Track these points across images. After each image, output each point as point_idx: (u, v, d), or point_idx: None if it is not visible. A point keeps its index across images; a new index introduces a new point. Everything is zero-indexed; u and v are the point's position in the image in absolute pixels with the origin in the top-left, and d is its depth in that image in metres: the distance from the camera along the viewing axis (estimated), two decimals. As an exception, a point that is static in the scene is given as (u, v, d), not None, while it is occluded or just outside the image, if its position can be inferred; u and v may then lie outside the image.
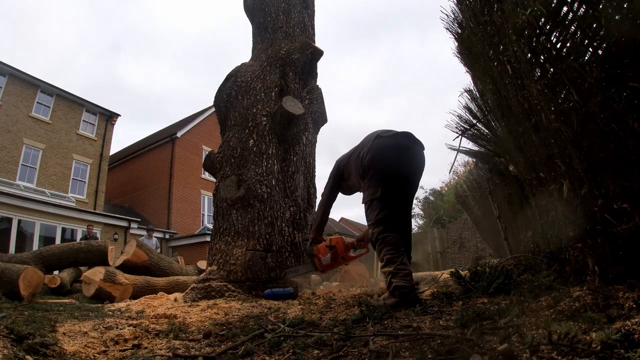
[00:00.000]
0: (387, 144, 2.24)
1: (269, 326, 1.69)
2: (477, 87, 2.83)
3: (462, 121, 3.33)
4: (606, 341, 0.77)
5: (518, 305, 1.34)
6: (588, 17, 1.20)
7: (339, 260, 2.63)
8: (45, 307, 2.55)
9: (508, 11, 1.44)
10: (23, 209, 11.25)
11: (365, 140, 2.41)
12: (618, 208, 1.15)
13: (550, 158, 1.45)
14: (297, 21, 4.07)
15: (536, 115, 1.43)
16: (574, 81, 1.20)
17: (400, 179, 2.23)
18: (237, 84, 3.70)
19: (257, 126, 3.48)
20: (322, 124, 4.10)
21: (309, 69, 3.93)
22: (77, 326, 1.78)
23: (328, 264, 2.61)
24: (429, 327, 1.41)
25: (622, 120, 1.10)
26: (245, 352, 1.34)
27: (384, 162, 2.20)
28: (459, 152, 3.55)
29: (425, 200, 33.70)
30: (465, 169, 11.73)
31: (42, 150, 14.26)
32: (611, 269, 1.25)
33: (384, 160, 2.20)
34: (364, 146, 2.35)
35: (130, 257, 5.30)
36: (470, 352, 0.94)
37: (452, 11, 2.29)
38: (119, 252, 6.97)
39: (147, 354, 1.41)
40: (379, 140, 2.26)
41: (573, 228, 1.41)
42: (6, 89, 13.50)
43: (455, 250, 11.00)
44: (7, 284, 3.43)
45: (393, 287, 1.97)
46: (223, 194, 3.34)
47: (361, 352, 1.18)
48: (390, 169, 2.19)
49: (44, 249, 5.67)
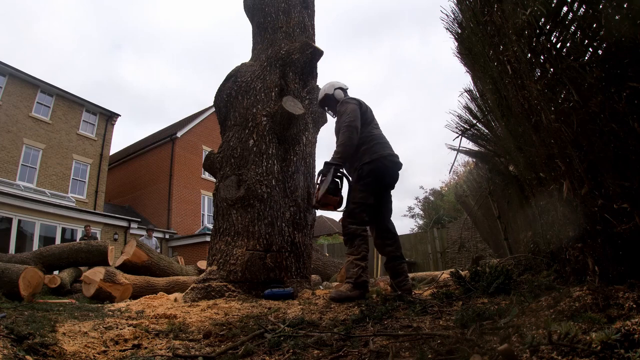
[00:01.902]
0: (388, 167, 2.72)
1: (269, 326, 1.69)
2: (477, 87, 2.83)
3: (462, 121, 3.33)
4: (606, 341, 0.77)
5: (518, 305, 1.34)
6: (588, 17, 1.20)
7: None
8: (45, 307, 2.55)
9: (508, 11, 1.44)
10: (23, 209, 11.25)
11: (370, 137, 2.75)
12: (618, 208, 1.15)
13: (550, 158, 1.45)
14: (297, 21, 4.07)
15: (536, 115, 1.43)
16: (574, 81, 1.20)
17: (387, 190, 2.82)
18: (237, 84, 3.70)
19: (257, 126, 3.48)
20: (322, 124, 4.10)
21: (309, 69, 3.93)
22: (77, 326, 1.77)
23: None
24: (429, 327, 1.41)
25: (622, 120, 1.10)
26: (245, 352, 1.34)
27: (380, 180, 2.70)
28: (459, 152, 3.54)
29: (425, 200, 33.67)
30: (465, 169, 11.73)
31: (42, 150, 14.26)
32: (611, 269, 1.25)
33: (380, 179, 2.70)
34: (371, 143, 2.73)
35: (130, 257, 5.30)
36: (470, 352, 0.94)
37: (452, 11, 2.29)
38: (119, 252, 6.98)
39: (147, 354, 1.41)
40: (382, 161, 2.69)
41: (573, 228, 1.41)
42: (6, 89, 13.50)
43: (455, 250, 11.00)
44: (7, 284, 3.43)
45: (362, 281, 2.47)
46: (223, 194, 3.34)
47: (361, 352, 1.18)
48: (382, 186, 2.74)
49: (44, 249, 5.67)
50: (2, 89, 13.39)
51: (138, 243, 5.60)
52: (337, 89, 3.00)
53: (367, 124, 2.81)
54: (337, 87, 3.01)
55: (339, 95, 2.97)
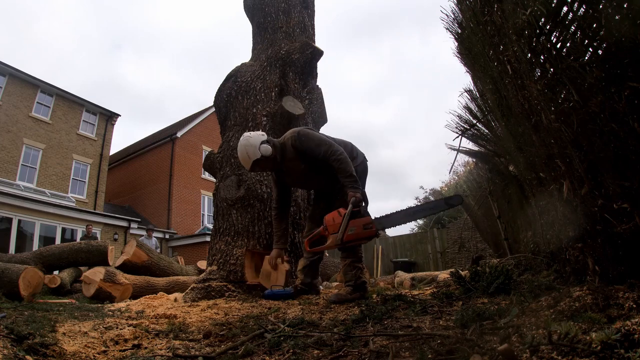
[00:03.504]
0: (367, 168, 2.79)
1: (269, 326, 1.69)
2: (477, 87, 2.83)
3: (462, 121, 3.33)
4: (606, 341, 0.77)
5: (518, 305, 1.34)
6: (588, 17, 1.20)
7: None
8: (45, 307, 2.55)
9: (508, 11, 1.44)
10: (23, 209, 11.25)
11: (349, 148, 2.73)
12: (618, 208, 1.15)
13: (550, 158, 1.45)
14: (297, 21, 4.07)
15: (536, 115, 1.43)
16: (574, 81, 1.20)
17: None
18: (237, 84, 3.70)
19: (257, 126, 3.48)
20: (322, 124, 4.10)
21: (309, 69, 3.92)
22: (77, 326, 1.77)
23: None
24: (429, 327, 1.41)
25: (622, 120, 1.10)
26: (245, 352, 1.34)
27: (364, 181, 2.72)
28: (459, 152, 3.55)
29: (425, 200, 33.70)
30: (465, 169, 11.73)
31: (42, 150, 14.27)
32: (611, 269, 1.25)
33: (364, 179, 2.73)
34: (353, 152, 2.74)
35: (130, 257, 5.30)
36: (470, 352, 0.94)
37: (452, 11, 2.28)
38: (119, 252, 6.98)
39: (147, 354, 1.41)
40: (365, 162, 2.78)
41: (573, 228, 1.41)
42: (6, 89, 13.50)
43: (455, 250, 11.00)
44: (7, 284, 3.43)
45: (361, 282, 2.49)
46: (223, 194, 3.34)
47: (361, 352, 1.18)
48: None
49: (44, 249, 5.67)
50: (2, 89, 13.40)
51: (138, 243, 5.60)
52: (261, 144, 2.50)
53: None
54: (260, 144, 2.50)
55: (267, 151, 2.50)
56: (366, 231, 2.22)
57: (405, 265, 10.82)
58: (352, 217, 2.23)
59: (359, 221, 2.23)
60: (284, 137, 2.63)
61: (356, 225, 2.22)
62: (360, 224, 2.22)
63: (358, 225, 2.22)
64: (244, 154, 2.54)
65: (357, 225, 2.22)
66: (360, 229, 2.21)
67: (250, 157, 2.52)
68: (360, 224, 2.22)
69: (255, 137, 2.55)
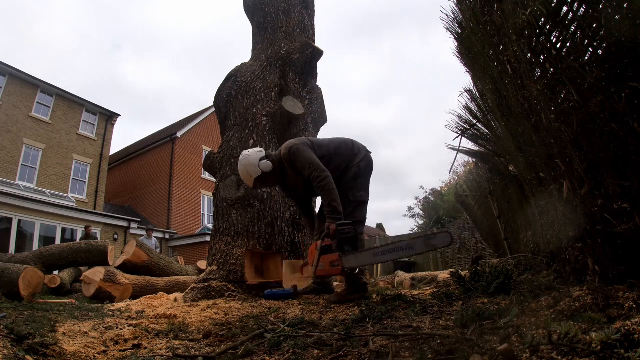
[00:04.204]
0: (371, 161, 2.72)
1: (269, 326, 1.69)
2: (477, 87, 2.83)
3: (462, 121, 3.33)
4: (606, 341, 0.77)
5: (518, 305, 1.34)
6: (588, 17, 1.20)
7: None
8: (45, 307, 2.55)
9: (508, 11, 1.44)
10: (23, 209, 11.25)
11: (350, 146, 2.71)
12: (618, 208, 1.15)
13: (550, 158, 1.45)
14: (297, 21, 4.07)
15: (536, 115, 1.43)
16: (574, 81, 1.20)
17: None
18: (237, 84, 3.70)
19: (257, 126, 3.48)
20: (322, 124, 4.10)
21: (308, 69, 3.93)
22: (77, 326, 1.78)
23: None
24: (429, 327, 1.41)
25: (622, 120, 1.10)
26: (245, 352, 1.35)
27: (370, 175, 2.70)
28: (459, 152, 3.55)
29: (425, 200, 33.71)
30: (465, 169, 11.74)
31: (42, 150, 14.27)
32: (611, 269, 1.25)
33: (370, 173, 2.71)
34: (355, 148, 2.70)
35: (130, 257, 5.30)
36: (470, 352, 0.94)
37: (452, 11, 2.29)
38: (119, 252, 6.97)
39: (147, 354, 1.41)
40: (368, 155, 2.72)
41: (573, 228, 1.41)
42: (6, 89, 13.50)
43: (455, 250, 11.01)
44: (7, 284, 3.43)
45: (362, 283, 2.47)
46: (223, 194, 3.35)
47: (361, 352, 1.18)
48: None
49: (44, 249, 5.67)
50: (2, 89, 13.39)
51: (138, 243, 5.60)
52: (260, 161, 2.51)
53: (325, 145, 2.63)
54: (259, 160, 2.51)
55: (267, 167, 2.51)
56: (333, 269, 2.25)
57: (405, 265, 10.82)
58: (324, 253, 2.26)
59: (328, 258, 2.25)
60: (280, 152, 2.62)
61: (325, 262, 2.25)
62: (328, 260, 2.24)
63: (326, 263, 2.24)
64: (245, 173, 2.56)
65: (326, 262, 2.25)
66: (327, 266, 2.25)
67: (251, 175, 2.53)
68: (328, 260, 2.24)
69: (253, 154, 2.54)
